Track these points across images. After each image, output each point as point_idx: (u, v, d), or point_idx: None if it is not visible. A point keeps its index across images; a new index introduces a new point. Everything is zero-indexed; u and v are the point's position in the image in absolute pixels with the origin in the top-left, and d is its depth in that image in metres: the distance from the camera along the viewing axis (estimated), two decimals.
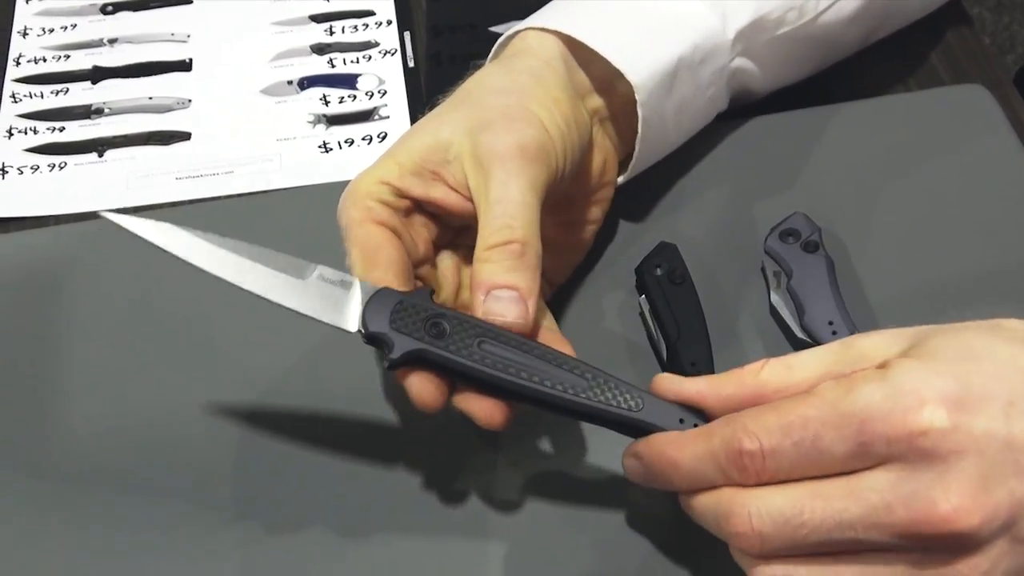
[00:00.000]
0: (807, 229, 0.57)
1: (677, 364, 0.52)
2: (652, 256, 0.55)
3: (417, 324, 0.45)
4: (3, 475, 0.54)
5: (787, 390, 0.41)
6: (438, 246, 0.52)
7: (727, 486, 0.41)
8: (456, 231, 0.52)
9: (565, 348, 0.47)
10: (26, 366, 0.57)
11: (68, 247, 0.62)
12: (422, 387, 0.45)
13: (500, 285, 0.45)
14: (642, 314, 0.55)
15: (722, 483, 0.41)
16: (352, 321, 0.46)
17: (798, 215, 0.58)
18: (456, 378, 0.46)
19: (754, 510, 0.40)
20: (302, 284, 0.46)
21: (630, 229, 0.60)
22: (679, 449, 0.42)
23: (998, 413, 0.38)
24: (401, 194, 0.49)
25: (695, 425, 0.44)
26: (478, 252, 0.46)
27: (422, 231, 0.50)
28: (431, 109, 0.52)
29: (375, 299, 0.45)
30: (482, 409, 0.46)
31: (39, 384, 0.56)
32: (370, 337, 0.45)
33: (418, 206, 0.50)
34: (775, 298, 0.55)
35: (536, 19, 0.56)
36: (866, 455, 0.38)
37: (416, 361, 0.45)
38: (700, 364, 0.52)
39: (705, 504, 0.42)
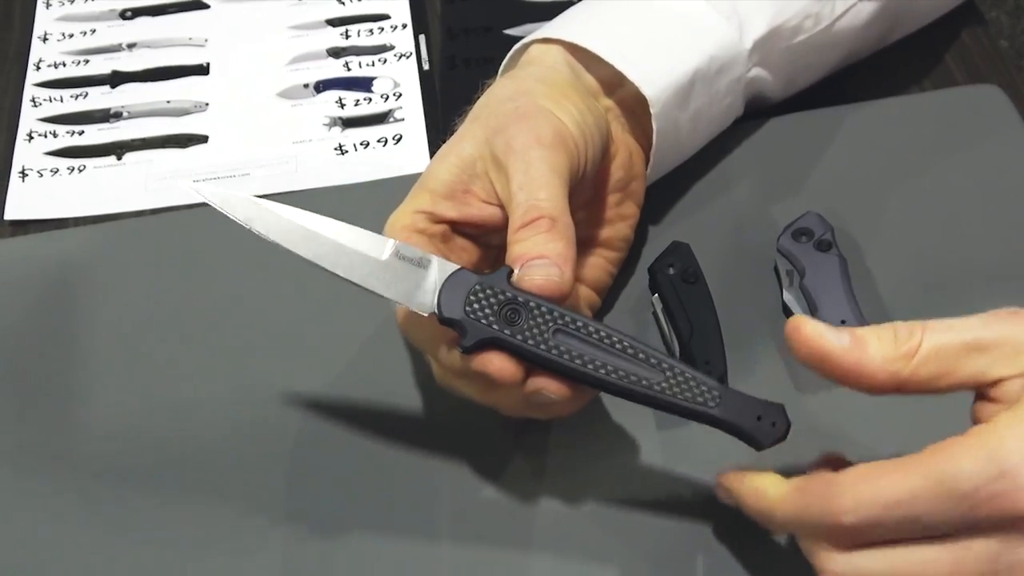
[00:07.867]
0: (820, 228, 0.57)
1: (690, 363, 0.52)
2: (665, 255, 0.56)
3: (493, 309, 0.45)
4: (28, 476, 0.54)
5: (931, 383, 0.40)
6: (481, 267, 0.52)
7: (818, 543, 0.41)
8: (498, 250, 0.51)
9: None
10: (46, 367, 0.58)
11: (87, 249, 0.62)
12: (503, 366, 0.45)
13: (533, 257, 0.45)
14: (655, 313, 0.56)
15: (814, 540, 0.41)
16: (427, 303, 0.45)
17: (811, 214, 0.58)
18: (528, 363, 0.45)
19: (847, 571, 0.40)
20: (379, 263, 0.46)
21: (643, 228, 0.60)
22: (773, 506, 0.42)
23: None
24: (437, 219, 0.49)
25: (773, 424, 0.44)
26: (509, 237, 0.46)
27: (463, 254, 0.50)
28: (451, 135, 0.52)
29: (451, 281, 0.45)
30: (557, 385, 0.45)
31: (58, 385, 0.57)
32: (444, 321, 0.45)
33: (457, 230, 0.50)
34: (788, 297, 0.55)
35: (544, 31, 0.56)
36: (970, 529, 0.38)
37: (489, 346, 0.45)
38: (713, 363, 0.52)
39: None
